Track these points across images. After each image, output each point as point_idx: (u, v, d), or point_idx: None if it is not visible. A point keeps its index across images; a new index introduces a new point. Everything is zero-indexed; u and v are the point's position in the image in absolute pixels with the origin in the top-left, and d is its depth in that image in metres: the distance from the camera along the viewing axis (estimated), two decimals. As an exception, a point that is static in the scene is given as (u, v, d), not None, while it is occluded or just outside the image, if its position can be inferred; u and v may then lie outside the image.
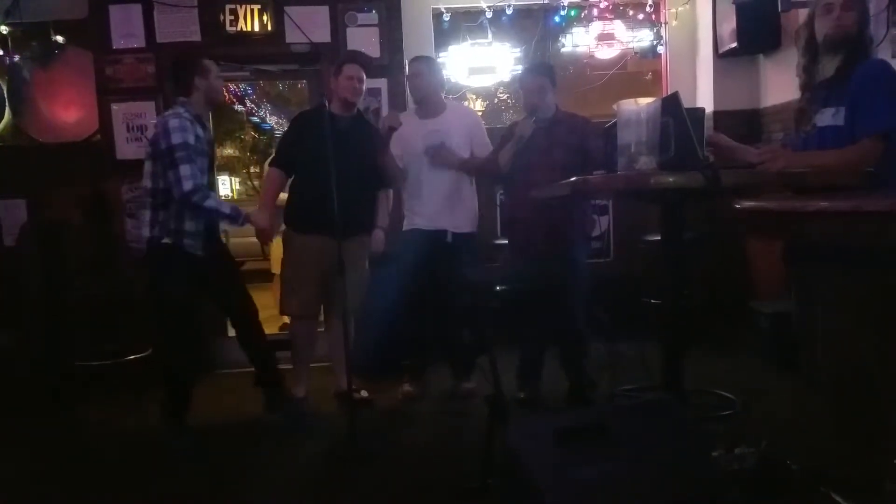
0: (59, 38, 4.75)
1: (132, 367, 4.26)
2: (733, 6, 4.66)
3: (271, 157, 4.23)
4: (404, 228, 3.93)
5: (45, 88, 4.84)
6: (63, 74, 4.83)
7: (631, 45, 5.30)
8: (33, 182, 4.71)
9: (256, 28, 4.66)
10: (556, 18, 5.28)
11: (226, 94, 9.44)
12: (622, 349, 3.89)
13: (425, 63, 3.95)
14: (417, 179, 3.87)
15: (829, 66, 2.48)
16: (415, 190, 3.89)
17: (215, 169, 3.30)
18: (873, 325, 2.07)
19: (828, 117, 2.41)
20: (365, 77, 3.76)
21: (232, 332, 5.30)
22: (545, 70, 3.75)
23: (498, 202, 4.90)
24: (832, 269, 2.27)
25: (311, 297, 3.78)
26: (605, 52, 5.38)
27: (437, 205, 3.86)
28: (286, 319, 4.35)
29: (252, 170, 14.70)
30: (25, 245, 4.62)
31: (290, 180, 3.87)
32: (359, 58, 3.85)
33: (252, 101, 10.09)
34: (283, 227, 3.91)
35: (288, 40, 4.69)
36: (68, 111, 4.88)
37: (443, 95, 4.10)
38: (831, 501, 2.30)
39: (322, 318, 4.00)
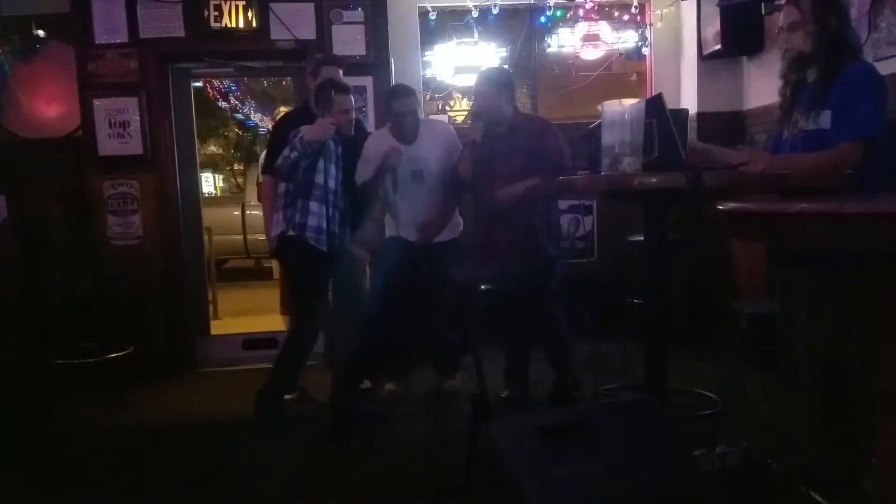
0: (41, 33, 4.67)
1: (113, 365, 4.21)
2: (717, 9, 4.70)
3: (262, 165, 4.22)
4: (387, 234, 3.87)
5: (26, 83, 4.77)
6: (45, 69, 4.76)
7: (616, 47, 5.34)
8: (14, 177, 4.64)
9: (241, 24, 4.61)
10: (542, 19, 5.30)
11: (210, 90, 9.38)
12: (605, 349, 3.91)
13: (415, 98, 3.86)
14: (398, 199, 3.77)
15: (810, 74, 2.50)
16: (396, 209, 3.80)
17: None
18: (854, 327, 2.09)
19: (813, 121, 2.43)
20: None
21: (215, 331, 5.32)
22: (496, 77, 3.64)
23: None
24: (815, 271, 2.30)
25: None
26: (591, 53, 5.41)
27: (420, 224, 3.83)
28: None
29: (236, 167, 14.57)
30: (5, 240, 4.57)
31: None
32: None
33: (236, 98, 9.98)
34: None
35: (273, 37, 4.65)
36: (50, 106, 4.82)
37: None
38: (811, 500, 2.32)
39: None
